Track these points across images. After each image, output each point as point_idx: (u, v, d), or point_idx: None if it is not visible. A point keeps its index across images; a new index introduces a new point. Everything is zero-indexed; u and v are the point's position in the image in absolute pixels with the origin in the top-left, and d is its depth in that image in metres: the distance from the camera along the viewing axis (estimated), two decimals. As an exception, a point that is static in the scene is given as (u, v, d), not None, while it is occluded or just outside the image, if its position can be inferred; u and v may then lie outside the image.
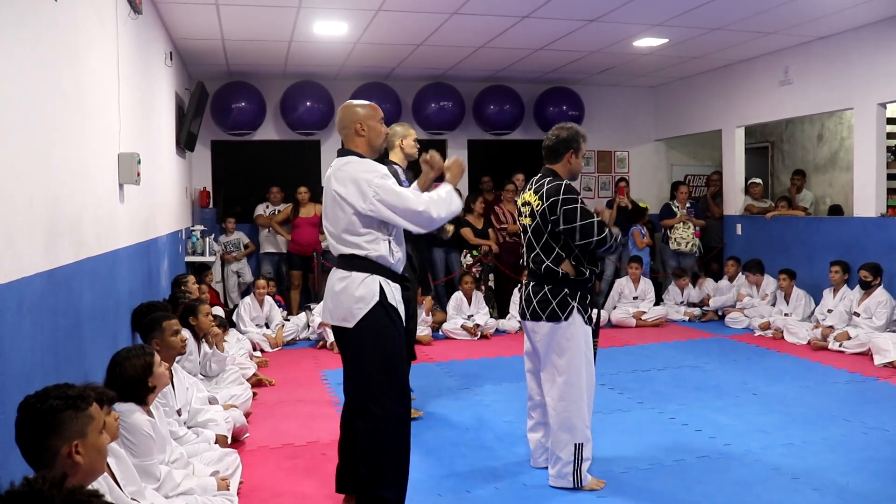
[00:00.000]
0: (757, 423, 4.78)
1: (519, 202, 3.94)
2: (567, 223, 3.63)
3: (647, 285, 8.92)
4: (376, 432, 3.23)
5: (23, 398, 2.07)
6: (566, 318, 3.69)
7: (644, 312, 8.59)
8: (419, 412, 5.07)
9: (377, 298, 3.22)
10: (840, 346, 6.80)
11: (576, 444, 3.72)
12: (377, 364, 3.24)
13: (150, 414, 3.21)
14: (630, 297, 8.81)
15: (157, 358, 3.29)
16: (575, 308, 3.69)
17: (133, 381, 3.11)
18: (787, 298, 7.92)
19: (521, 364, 4.14)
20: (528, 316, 3.82)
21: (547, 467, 3.90)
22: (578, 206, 3.64)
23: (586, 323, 3.75)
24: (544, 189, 3.71)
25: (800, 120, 9.80)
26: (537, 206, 3.72)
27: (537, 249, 3.75)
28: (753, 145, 10.70)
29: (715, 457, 4.21)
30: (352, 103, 3.42)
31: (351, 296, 3.22)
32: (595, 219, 3.65)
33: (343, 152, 3.36)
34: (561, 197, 3.65)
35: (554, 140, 3.84)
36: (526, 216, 3.82)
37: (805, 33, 7.56)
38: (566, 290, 3.70)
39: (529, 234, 3.79)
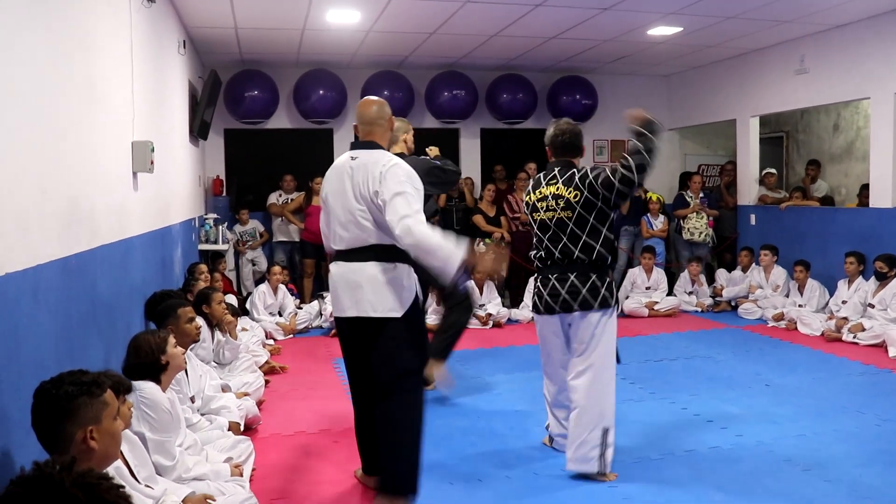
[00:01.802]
0: (769, 415, 4.76)
1: (534, 196, 3.89)
2: (607, 188, 3.65)
3: (659, 275, 8.88)
4: (403, 415, 3.31)
5: (38, 384, 2.10)
6: (616, 304, 3.82)
7: (657, 302, 8.56)
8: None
9: (417, 287, 3.38)
10: (854, 337, 6.76)
11: (603, 428, 3.73)
12: (415, 351, 3.37)
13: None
14: (642, 287, 8.78)
15: (172, 339, 3.35)
16: (614, 294, 3.82)
17: (147, 356, 3.18)
18: (801, 289, 7.87)
19: (532, 353, 4.15)
20: (574, 307, 3.75)
21: (563, 452, 3.89)
22: (604, 171, 3.71)
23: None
24: (576, 179, 3.74)
25: (815, 109, 9.71)
26: (575, 196, 3.71)
27: (583, 237, 3.73)
28: (768, 135, 10.61)
29: (726, 447, 4.20)
30: (379, 99, 3.54)
31: (401, 285, 3.30)
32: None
33: (368, 145, 3.37)
34: (591, 176, 3.71)
35: (570, 135, 3.90)
36: (558, 210, 3.76)
37: (821, 22, 7.48)
38: (608, 277, 3.80)
39: (571, 225, 3.74)
